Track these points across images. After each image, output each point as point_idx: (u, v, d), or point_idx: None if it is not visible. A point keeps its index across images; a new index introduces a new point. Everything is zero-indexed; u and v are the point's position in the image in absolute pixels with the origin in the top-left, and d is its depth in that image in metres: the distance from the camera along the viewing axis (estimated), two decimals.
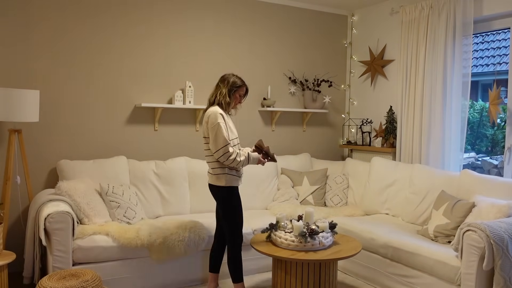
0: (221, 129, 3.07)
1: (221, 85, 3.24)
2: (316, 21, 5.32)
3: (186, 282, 3.63)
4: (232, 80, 3.22)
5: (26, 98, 3.48)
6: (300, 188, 4.71)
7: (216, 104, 3.21)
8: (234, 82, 3.22)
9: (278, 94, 5.08)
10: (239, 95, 3.27)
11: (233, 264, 3.25)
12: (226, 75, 3.28)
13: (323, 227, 3.23)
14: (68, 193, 3.46)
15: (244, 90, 3.29)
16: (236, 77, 3.26)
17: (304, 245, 3.09)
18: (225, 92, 3.20)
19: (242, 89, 3.27)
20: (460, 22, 4.09)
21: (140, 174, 4.08)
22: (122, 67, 4.25)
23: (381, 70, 5.06)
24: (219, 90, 3.23)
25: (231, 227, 3.24)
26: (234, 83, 3.22)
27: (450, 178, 3.88)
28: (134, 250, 3.36)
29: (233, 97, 3.23)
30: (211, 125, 3.11)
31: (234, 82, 3.22)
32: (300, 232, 3.12)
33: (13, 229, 3.78)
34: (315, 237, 3.12)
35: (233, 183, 3.20)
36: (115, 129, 4.25)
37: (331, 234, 3.26)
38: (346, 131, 5.54)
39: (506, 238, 2.79)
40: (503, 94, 4.06)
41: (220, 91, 3.21)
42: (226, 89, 3.20)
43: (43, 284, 2.59)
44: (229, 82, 3.21)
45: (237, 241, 3.25)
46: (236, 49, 4.82)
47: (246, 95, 3.34)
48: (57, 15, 3.95)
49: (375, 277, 3.66)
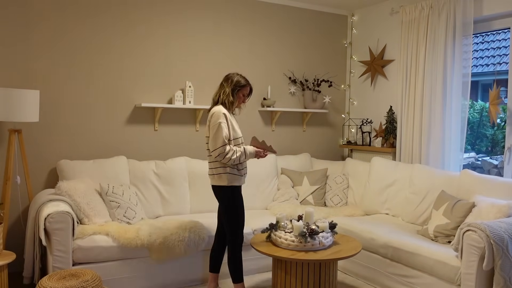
0: (221, 129, 3.07)
1: (224, 84, 3.24)
2: (316, 21, 5.32)
3: (186, 282, 3.63)
4: (236, 79, 3.21)
5: (26, 98, 3.48)
6: (300, 188, 4.71)
7: (220, 103, 3.21)
8: (238, 81, 3.21)
9: (278, 94, 5.08)
10: (243, 95, 3.26)
11: (233, 264, 3.25)
12: (230, 74, 3.27)
13: (323, 227, 3.23)
14: (68, 193, 3.46)
15: (248, 89, 3.28)
16: (240, 76, 3.25)
17: (304, 245, 3.08)
18: (229, 91, 3.19)
19: (246, 89, 3.26)
20: (460, 22, 4.09)
21: (140, 174, 4.08)
22: (122, 67, 4.25)
23: (381, 70, 5.06)
24: (222, 89, 3.23)
25: (232, 227, 3.23)
26: (238, 82, 3.21)
27: (450, 178, 3.88)
28: (134, 250, 3.36)
29: (236, 97, 3.22)
30: (212, 124, 3.12)
31: (238, 82, 3.21)
32: (300, 232, 3.12)
33: (13, 229, 3.78)
34: (315, 237, 3.11)
35: (235, 182, 3.20)
36: (115, 129, 4.25)
37: (331, 234, 3.25)
38: (346, 131, 5.54)
39: (506, 238, 2.79)
40: (503, 94, 4.06)
41: (224, 90, 3.21)
42: (230, 88, 3.19)
43: (43, 284, 2.59)
44: (232, 81, 3.20)
45: (237, 241, 3.24)
46: (236, 49, 4.82)
47: (250, 95, 3.34)
48: (57, 15, 3.95)
49: (375, 277, 3.66)
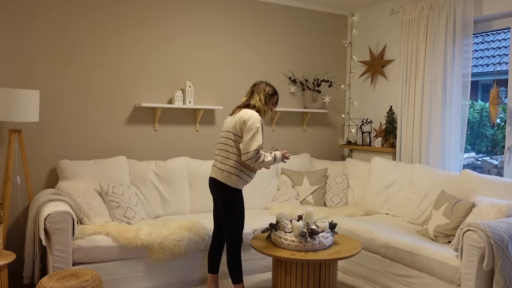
0: (259, 134, 3.14)
1: (256, 92, 3.33)
2: (316, 21, 5.32)
3: (186, 282, 3.63)
4: (268, 89, 3.35)
5: (26, 98, 3.48)
6: (300, 188, 4.71)
7: (254, 109, 3.28)
8: (268, 90, 3.34)
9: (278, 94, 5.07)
10: (272, 103, 3.39)
11: (232, 265, 3.25)
12: (259, 82, 3.39)
13: (323, 227, 3.23)
14: (68, 193, 3.46)
15: (276, 98, 3.42)
16: (269, 86, 3.37)
17: (304, 245, 3.08)
18: (263, 99, 3.30)
19: (275, 98, 3.40)
20: (460, 22, 4.09)
21: (140, 174, 4.09)
22: (122, 67, 4.25)
23: (381, 70, 5.06)
24: (257, 96, 3.31)
25: (232, 228, 3.23)
26: (269, 91, 3.34)
27: (450, 178, 3.88)
28: (134, 250, 3.36)
29: (267, 105, 3.35)
30: (250, 126, 3.13)
31: (269, 91, 3.34)
32: (300, 232, 3.12)
33: (13, 229, 3.78)
34: (315, 237, 3.11)
35: (239, 186, 3.22)
36: (115, 129, 4.25)
37: (331, 234, 3.26)
38: (346, 131, 5.54)
39: (506, 238, 2.79)
40: (503, 94, 4.06)
41: (259, 97, 3.31)
42: (263, 96, 3.31)
43: (43, 284, 2.59)
44: (264, 90, 3.33)
45: (237, 242, 3.24)
46: (236, 49, 4.82)
47: (277, 103, 3.46)
48: (57, 15, 3.95)
49: (375, 277, 3.66)
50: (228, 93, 4.77)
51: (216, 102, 4.70)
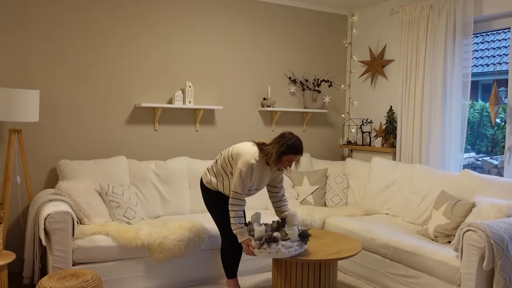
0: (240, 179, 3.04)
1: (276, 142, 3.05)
2: (316, 21, 5.32)
3: (186, 282, 3.62)
4: (288, 144, 3.02)
5: (26, 98, 3.48)
6: (300, 188, 4.71)
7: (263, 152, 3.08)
8: (288, 146, 3.01)
9: (278, 94, 5.07)
10: (288, 160, 3.06)
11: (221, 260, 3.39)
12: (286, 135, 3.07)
13: (292, 235, 2.97)
14: (68, 193, 3.46)
15: (292, 157, 3.06)
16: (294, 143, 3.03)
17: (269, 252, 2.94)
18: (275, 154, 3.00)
19: (289, 156, 3.05)
20: (460, 22, 4.08)
21: (140, 174, 4.08)
22: (122, 67, 4.25)
23: (381, 70, 5.06)
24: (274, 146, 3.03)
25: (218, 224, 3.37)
26: (288, 147, 3.01)
27: (450, 178, 3.88)
28: (134, 250, 3.36)
29: (281, 160, 3.04)
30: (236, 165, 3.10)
31: (288, 147, 3.01)
32: (258, 237, 2.96)
33: (13, 229, 3.78)
34: (273, 245, 2.91)
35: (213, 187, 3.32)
36: (115, 129, 4.25)
37: (298, 244, 2.97)
38: (346, 131, 5.54)
39: (506, 238, 2.79)
40: (503, 94, 4.06)
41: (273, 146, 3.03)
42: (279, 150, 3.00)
43: (43, 284, 2.59)
44: (284, 144, 3.01)
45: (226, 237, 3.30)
46: (236, 49, 4.82)
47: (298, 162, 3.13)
48: (57, 15, 3.95)
49: (375, 277, 3.66)
50: (228, 93, 4.77)
51: (216, 102, 4.70)
